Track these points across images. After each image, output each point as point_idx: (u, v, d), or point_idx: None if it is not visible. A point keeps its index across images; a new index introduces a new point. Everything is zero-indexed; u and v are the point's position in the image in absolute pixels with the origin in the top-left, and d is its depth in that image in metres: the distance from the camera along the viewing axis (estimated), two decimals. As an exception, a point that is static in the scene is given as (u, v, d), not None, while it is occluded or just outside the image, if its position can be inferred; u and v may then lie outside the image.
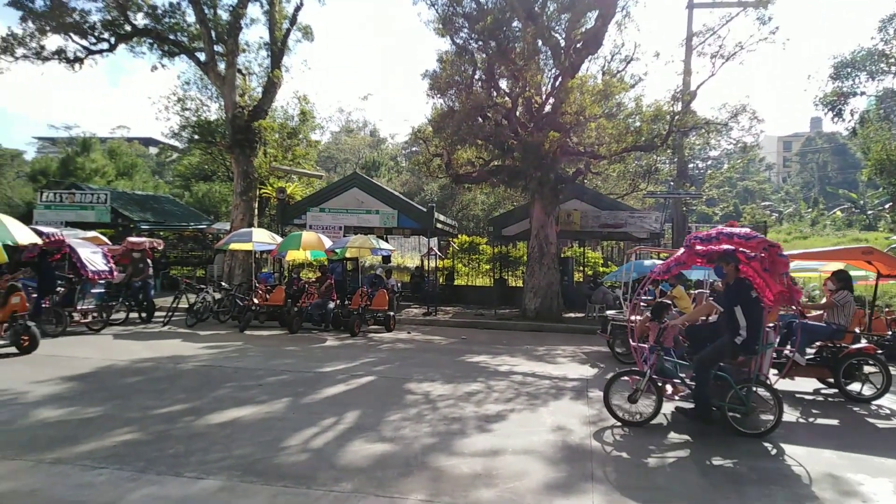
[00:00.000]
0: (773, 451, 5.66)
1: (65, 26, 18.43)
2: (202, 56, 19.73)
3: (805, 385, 8.86)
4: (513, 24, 15.45)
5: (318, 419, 6.13)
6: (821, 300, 11.84)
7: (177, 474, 4.52)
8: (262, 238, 14.54)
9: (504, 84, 16.71)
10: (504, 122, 16.07)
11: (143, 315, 14.10)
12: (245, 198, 19.56)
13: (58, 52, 19.09)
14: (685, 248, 6.82)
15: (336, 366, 9.19)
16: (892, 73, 25.31)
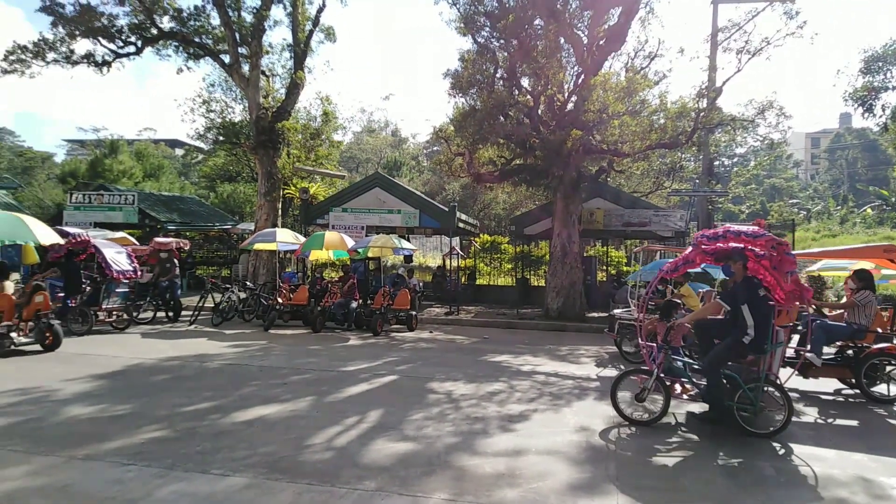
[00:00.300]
0: (799, 453, 5.54)
1: (93, 30, 18.82)
2: (227, 58, 19.99)
3: (825, 385, 8.67)
4: (535, 21, 15.37)
5: (341, 417, 6.18)
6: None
7: (204, 471, 4.60)
8: (285, 238, 14.69)
9: (526, 82, 16.63)
10: (526, 120, 15.99)
11: (170, 314, 14.36)
12: (269, 198, 19.77)
13: (86, 55, 19.50)
14: (692, 247, 6.79)
15: (359, 365, 9.25)
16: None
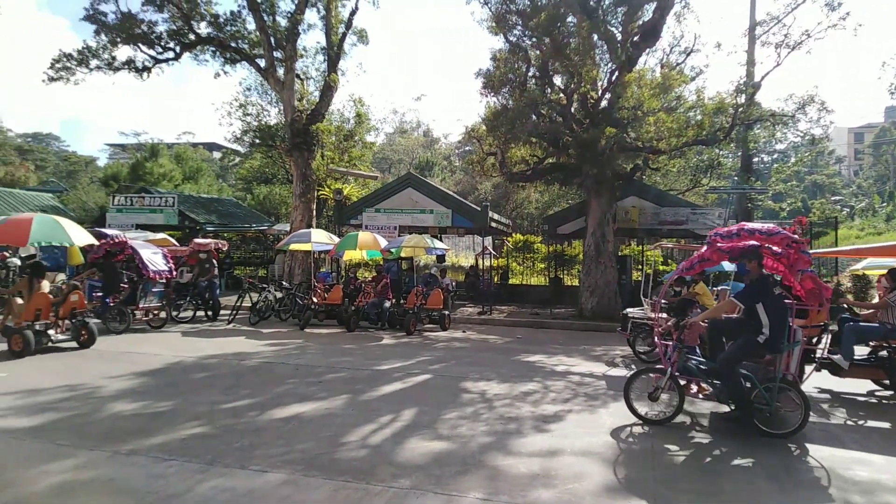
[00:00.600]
0: (842, 457, 5.36)
1: (134, 37, 19.36)
2: (262, 62, 20.35)
3: (859, 386, 8.39)
4: (567, 19, 15.23)
5: (376, 416, 6.23)
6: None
7: (242, 467, 4.69)
8: (320, 238, 14.87)
9: (558, 80, 16.51)
10: (559, 118, 15.86)
11: (209, 313, 14.69)
12: (304, 199, 20.05)
13: (127, 62, 20.06)
14: (707, 245, 6.71)
15: (393, 364, 9.31)
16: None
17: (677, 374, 6.23)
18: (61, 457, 4.86)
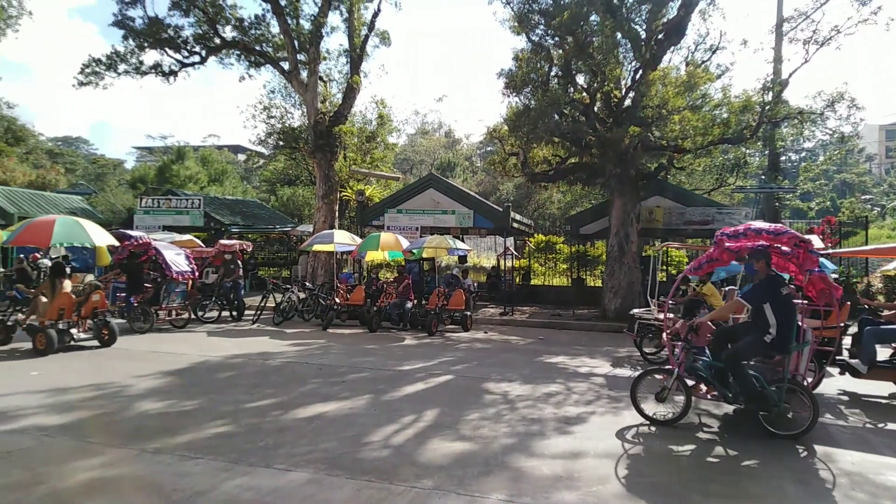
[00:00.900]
0: (871, 461, 5.22)
1: (160, 42, 19.71)
2: (286, 65, 20.57)
3: (882, 389, 8.16)
4: (590, 18, 15.11)
5: (398, 416, 6.24)
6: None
7: (267, 466, 4.73)
8: (342, 239, 14.96)
9: (581, 79, 16.37)
10: (582, 118, 15.74)
11: (234, 314, 14.86)
12: (327, 201, 20.20)
13: (154, 66, 20.42)
14: (715, 245, 6.65)
15: (415, 364, 9.32)
16: None
17: (685, 375, 6.20)
18: (91, 454, 4.96)
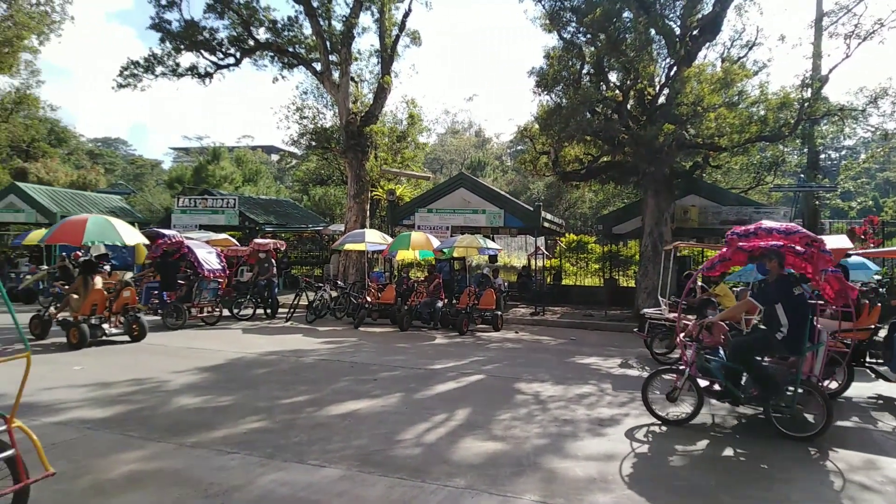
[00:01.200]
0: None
1: (196, 44, 20.15)
2: (318, 66, 20.81)
3: None
4: (623, 14, 14.92)
5: (430, 415, 6.26)
6: None
7: (301, 461, 4.79)
8: (374, 238, 15.07)
9: (614, 77, 16.17)
10: (614, 116, 15.54)
11: (268, 311, 15.11)
12: (358, 200, 20.37)
13: (190, 68, 20.92)
14: (726, 245, 6.54)
15: (446, 363, 9.34)
16: None
17: (696, 375, 6.13)
18: (131, 447, 5.09)
